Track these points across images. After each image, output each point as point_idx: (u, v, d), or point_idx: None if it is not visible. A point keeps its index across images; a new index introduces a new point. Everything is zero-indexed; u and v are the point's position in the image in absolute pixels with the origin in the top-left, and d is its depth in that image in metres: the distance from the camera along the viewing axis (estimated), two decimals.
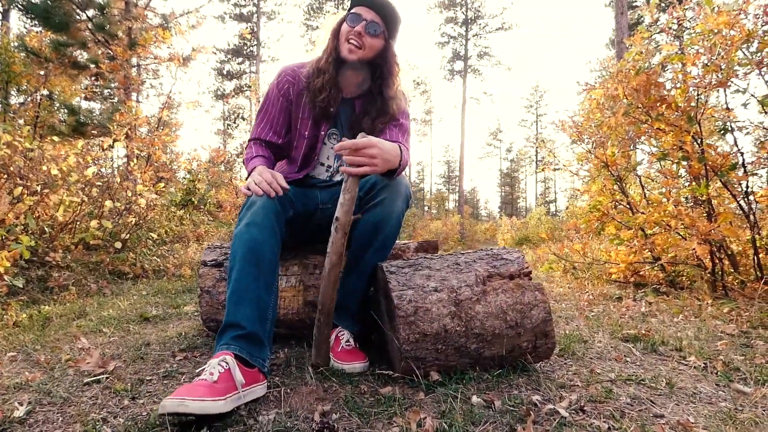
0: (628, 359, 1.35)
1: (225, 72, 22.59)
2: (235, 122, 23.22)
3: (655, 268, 3.09)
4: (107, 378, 1.07)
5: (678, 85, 2.60)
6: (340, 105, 1.34)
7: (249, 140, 1.37)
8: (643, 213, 2.93)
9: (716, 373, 1.22)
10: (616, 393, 1.01)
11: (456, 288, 1.11)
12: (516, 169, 38.84)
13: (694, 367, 1.27)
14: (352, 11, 1.26)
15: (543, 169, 4.15)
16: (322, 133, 1.34)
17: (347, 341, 1.22)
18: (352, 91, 1.34)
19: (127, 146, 4.94)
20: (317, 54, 1.32)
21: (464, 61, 21.21)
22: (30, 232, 2.49)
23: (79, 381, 1.05)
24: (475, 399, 0.94)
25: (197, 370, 0.92)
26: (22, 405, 0.91)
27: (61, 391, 0.99)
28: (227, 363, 0.89)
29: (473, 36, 21.41)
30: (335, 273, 1.09)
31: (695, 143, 2.52)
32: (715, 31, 2.37)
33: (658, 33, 3.22)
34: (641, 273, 3.19)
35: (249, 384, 0.91)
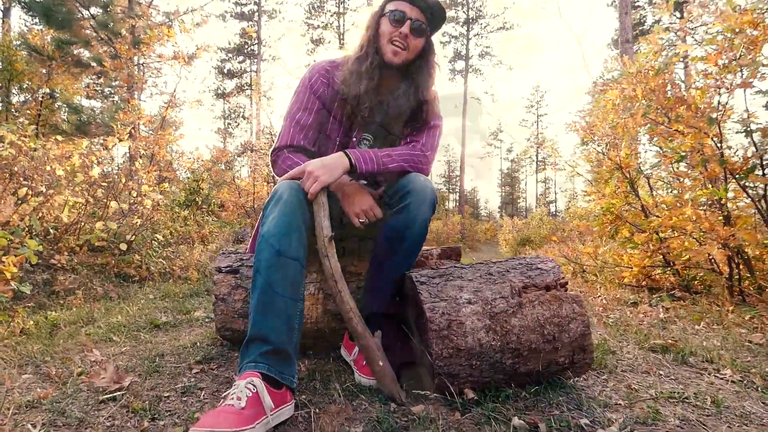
0: (661, 372, 1.30)
1: (226, 71, 22.50)
2: (235, 121, 23.14)
3: (667, 272, 3.04)
4: (123, 395, 1.01)
5: (695, 85, 2.55)
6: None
7: (279, 148, 1.22)
8: (657, 216, 2.88)
9: (757, 389, 1.17)
10: (663, 414, 0.95)
11: (491, 300, 1.06)
12: (516, 169, 38.75)
13: (733, 382, 1.22)
14: (393, 8, 1.15)
15: (545, 169, 4.10)
16: (354, 139, 1.27)
17: None
18: (386, 93, 1.25)
19: (130, 146, 4.88)
20: (350, 52, 1.22)
21: (465, 61, 21.14)
22: (34, 234, 2.44)
23: (94, 398, 1.00)
24: (516, 421, 0.89)
25: (223, 394, 0.87)
26: (35, 427, 0.85)
27: (76, 410, 0.93)
28: (255, 386, 0.84)
29: (474, 36, 21.34)
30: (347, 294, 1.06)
31: (715, 145, 2.46)
32: (737, 30, 2.31)
33: (662, 33, 3.17)
34: (653, 277, 3.14)
35: (278, 406, 0.86)
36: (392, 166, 1.14)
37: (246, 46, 22.00)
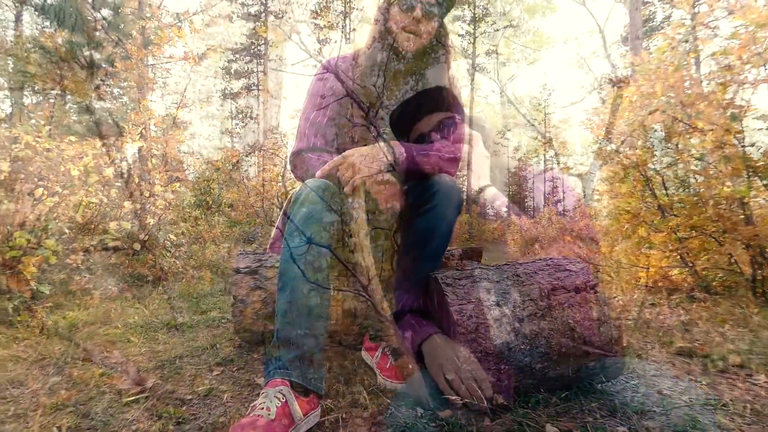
0: (691, 377, 1.26)
1: (233, 71, 22.55)
2: (243, 121, 23.21)
3: (684, 273, 2.98)
4: (147, 397, 1.00)
5: (716, 81, 2.48)
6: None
7: (297, 151, 1.19)
8: (675, 215, 2.82)
9: None
10: (702, 422, 0.92)
11: (519, 302, 1.03)
12: (523, 167, 38.43)
13: None
14: None
15: (552, 168, 4.04)
16: (373, 136, 1.25)
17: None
18: (402, 85, 1.22)
19: (142, 146, 4.90)
20: (361, 47, 1.20)
21: (472, 60, 20.99)
22: (50, 233, 2.45)
23: (118, 401, 0.99)
24: (550, 428, 0.86)
25: (252, 403, 0.85)
26: (61, 430, 0.84)
27: (100, 413, 0.93)
28: (284, 395, 0.82)
29: (481, 34, 21.15)
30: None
31: (739, 143, 2.40)
32: (762, 23, 2.25)
33: (680, 28, 3.10)
34: (670, 278, 3.07)
35: (306, 414, 0.84)
36: (427, 167, 1.10)
37: (252, 46, 22.02)
